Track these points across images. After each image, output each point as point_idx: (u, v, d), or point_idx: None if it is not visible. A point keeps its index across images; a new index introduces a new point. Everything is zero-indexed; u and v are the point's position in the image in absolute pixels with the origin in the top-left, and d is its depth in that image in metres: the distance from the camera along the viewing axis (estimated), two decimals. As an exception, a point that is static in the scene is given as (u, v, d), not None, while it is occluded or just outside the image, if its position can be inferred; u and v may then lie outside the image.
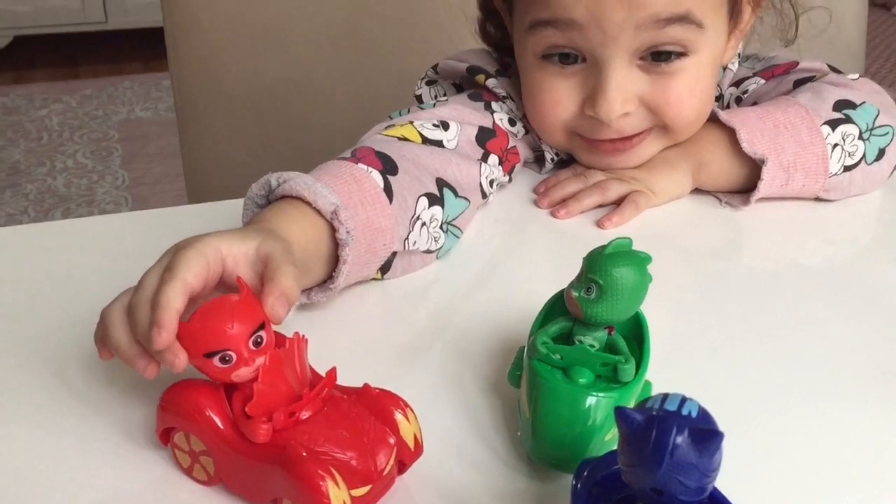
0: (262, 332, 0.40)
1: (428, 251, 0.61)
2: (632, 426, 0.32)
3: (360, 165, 0.58)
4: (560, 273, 0.45)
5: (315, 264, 0.53)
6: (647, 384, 0.47)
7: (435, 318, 0.57)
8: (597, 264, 0.43)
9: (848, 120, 0.69)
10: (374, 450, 0.40)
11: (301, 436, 0.40)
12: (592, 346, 0.44)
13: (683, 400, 0.33)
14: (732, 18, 0.70)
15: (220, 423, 0.41)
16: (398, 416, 0.42)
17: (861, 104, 0.70)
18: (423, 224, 0.60)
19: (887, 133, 0.71)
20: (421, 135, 0.65)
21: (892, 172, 0.73)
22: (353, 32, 1.08)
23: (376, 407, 0.42)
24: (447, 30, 1.12)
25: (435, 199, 0.61)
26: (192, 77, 1.07)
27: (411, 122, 0.65)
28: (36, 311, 0.57)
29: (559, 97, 0.67)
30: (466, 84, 0.75)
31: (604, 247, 0.44)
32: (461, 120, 0.68)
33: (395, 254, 0.58)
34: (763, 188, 0.68)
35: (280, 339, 0.43)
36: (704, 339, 0.56)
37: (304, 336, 0.42)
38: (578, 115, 0.67)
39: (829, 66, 0.78)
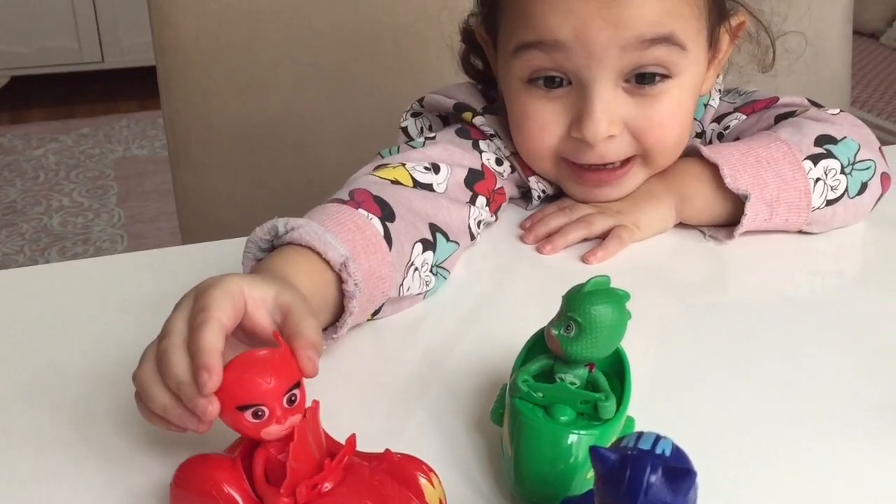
0: (296, 391, 0.40)
1: (419, 295, 0.62)
2: (606, 465, 0.32)
3: (361, 211, 0.58)
4: (545, 309, 0.46)
5: (319, 314, 0.52)
6: (630, 420, 0.47)
7: (423, 357, 0.57)
8: (575, 302, 0.43)
9: (830, 155, 0.70)
10: None
11: None
12: (573, 383, 0.45)
13: (658, 438, 0.33)
14: (711, 47, 0.71)
15: (240, 500, 0.39)
16: (422, 481, 0.41)
17: (842, 139, 0.71)
18: (416, 269, 0.60)
19: (869, 167, 0.72)
20: (412, 178, 0.65)
21: (874, 205, 0.74)
22: (342, 69, 1.10)
23: (399, 472, 0.41)
24: (435, 64, 1.14)
25: (428, 245, 0.61)
26: (184, 116, 1.08)
27: (403, 165, 0.66)
28: (32, 356, 0.57)
29: (545, 121, 0.68)
30: (453, 119, 0.76)
31: (582, 285, 0.44)
32: (451, 162, 0.68)
33: (388, 298, 0.59)
34: (746, 223, 0.69)
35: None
36: (688, 374, 0.56)
37: (316, 400, 0.42)
38: (565, 138, 0.68)
39: (810, 100, 0.79)
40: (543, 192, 0.75)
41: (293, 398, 0.39)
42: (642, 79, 0.65)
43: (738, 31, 0.73)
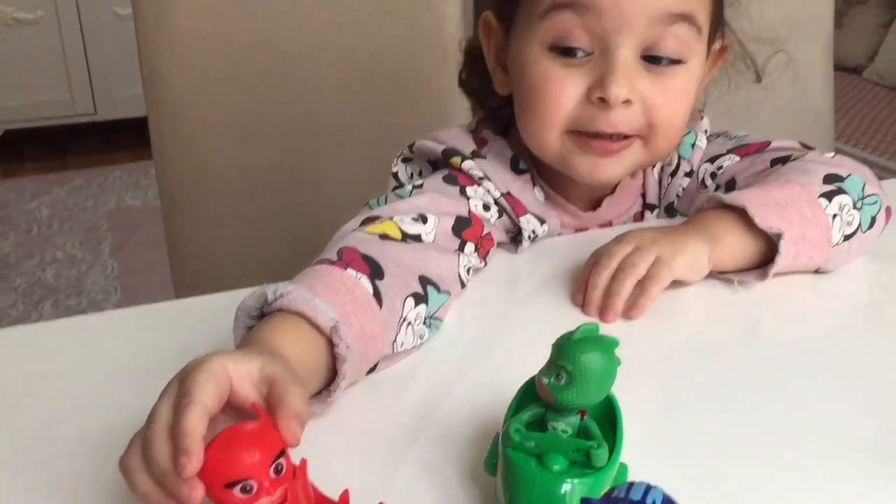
0: (281, 460, 0.40)
1: (413, 348, 0.62)
2: None
3: (350, 271, 0.58)
4: (537, 356, 0.46)
5: (311, 378, 0.53)
6: (623, 467, 0.47)
7: (416, 407, 0.57)
8: (565, 350, 0.44)
9: (841, 191, 0.71)
10: None
11: None
12: (565, 431, 0.45)
13: (648, 488, 0.33)
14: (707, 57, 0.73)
15: None
16: None
17: (848, 176, 0.73)
18: (409, 324, 0.60)
19: (875, 202, 0.73)
20: (401, 230, 0.65)
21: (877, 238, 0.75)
22: (333, 119, 1.11)
23: None
24: (426, 112, 1.15)
25: (420, 298, 0.62)
26: (175, 168, 1.09)
27: (391, 218, 0.66)
28: (22, 418, 0.56)
29: (565, 85, 0.69)
30: (442, 164, 0.76)
31: (571, 333, 0.44)
32: (438, 211, 0.69)
33: (382, 355, 0.59)
34: (780, 261, 0.68)
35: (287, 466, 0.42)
36: (682, 419, 0.56)
37: (304, 458, 0.42)
38: (582, 103, 0.69)
39: (802, 143, 0.80)
40: (534, 232, 0.75)
41: (279, 467, 0.39)
42: (657, 60, 0.68)
43: (724, 53, 0.76)
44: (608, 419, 0.48)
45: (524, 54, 0.71)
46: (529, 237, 0.75)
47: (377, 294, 0.58)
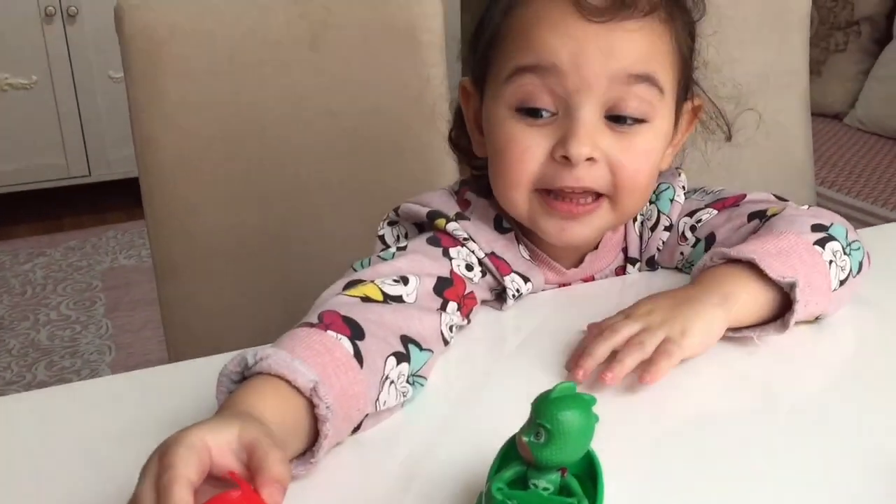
0: None
1: (395, 405, 0.62)
2: None
3: (330, 333, 0.59)
4: (521, 414, 0.47)
5: (291, 440, 0.53)
6: (605, 522, 0.48)
7: (400, 466, 0.58)
8: (543, 409, 0.45)
9: (831, 238, 0.73)
10: None
11: None
12: (547, 489, 0.46)
13: None
14: (675, 120, 0.76)
15: None
16: None
17: (831, 224, 0.75)
18: (392, 382, 0.61)
19: (859, 248, 0.75)
20: (382, 292, 0.67)
21: None
22: (321, 181, 1.13)
23: None
24: (411, 174, 1.18)
25: (402, 357, 0.63)
26: (167, 231, 1.11)
27: (373, 281, 0.67)
28: (15, 486, 0.57)
29: (529, 144, 0.71)
30: (427, 227, 0.78)
31: (549, 391, 0.46)
32: (419, 272, 0.70)
33: (366, 415, 0.59)
34: (799, 310, 0.68)
35: None
36: (663, 474, 0.57)
37: None
38: (546, 162, 0.71)
39: (775, 195, 0.82)
40: (518, 290, 0.76)
41: None
42: (622, 119, 0.70)
43: (697, 112, 0.79)
44: (589, 476, 0.49)
45: (493, 116, 0.73)
46: (514, 295, 0.76)
47: (357, 354, 0.59)
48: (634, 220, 0.82)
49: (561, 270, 0.81)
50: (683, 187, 0.84)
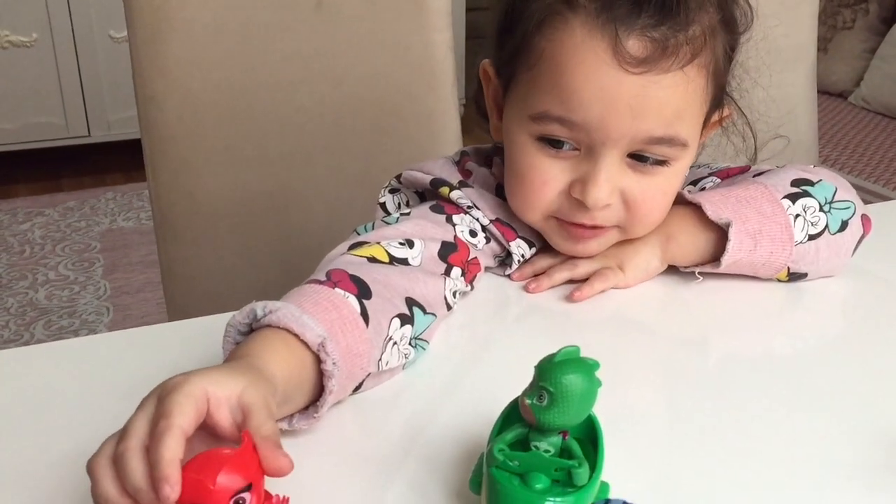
0: (245, 494, 0.41)
1: (397, 366, 0.63)
2: None
3: (338, 290, 0.59)
4: (522, 378, 0.47)
5: (296, 394, 0.54)
6: (605, 485, 0.49)
7: (403, 428, 0.58)
8: (547, 372, 0.45)
9: (807, 194, 0.74)
10: None
11: None
12: (548, 451, 0.46)
13: None
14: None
15: None
16: None
17: (818, 181, 0.75)
18: (395, 343, 0.62)
19: (848, 207, 0.75)
20: (388, 254, 0.67)
21: (856, 246, 0.77)
22: (324, 144, 1.13)
23: None
24: (415, 139, 1.17)
25: (406, 319, 0.63)
26: (169, 191, 1.10)
27: (379, 243, 0.67)
28: (14, 439, 0.57)
29: (549, 177, 0.70)
30: (430, 195, 0.78)
31: (553, 355, 0.46)
32: (424, 236, 0.70)
33: (368, 374, 0.60)
34: (731, 249, 0.71)
35: (267, 497, 0.44)
36: (664, 438, 0.58)
37: (287, 497, 0.43)
38: (564, 195, 0.70)
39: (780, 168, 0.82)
40: (523, 256, 0.77)
41: (240, 501, 0.41)
42: (643, 159, 0.69)
43: (724, 120, 0.77)
44: (590, 439, 0.49)
45: (515, 137, 0.72)
46: (519, 261, 0.77)
47: (364, 313, 0.59)
48: None
49: None
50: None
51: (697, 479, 0.53)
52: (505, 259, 0.78)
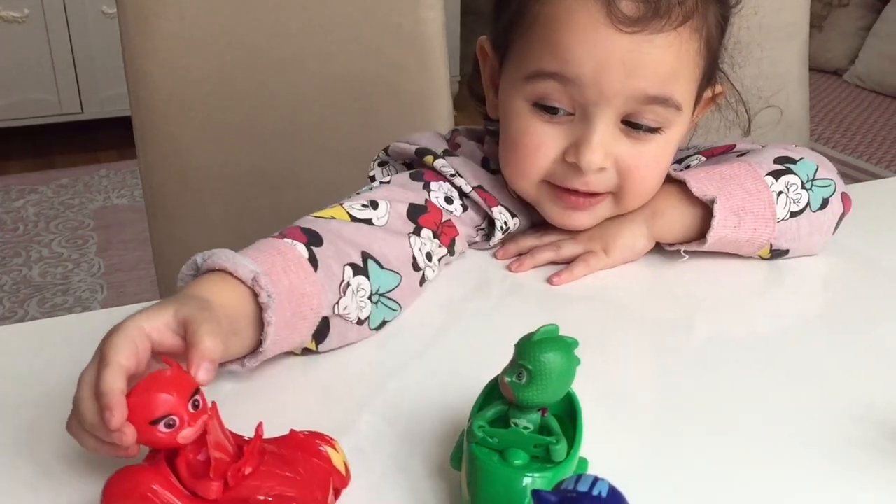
0: (197, 397, 0.45)
1: (359, 321, 0.64)
2: None
3: (285, 240, 0.62)
4: (504, 356, 0.48)
5: (243, 326, 0.56)
6: (583, 461, 0.50)
7: (384, 404, 0.58)
8: (526, 351, 0.46)
9: (789, 171, 0.75)
10: (313, 483, 0.47)
11: (255, 487, 0.45)
12: (527, 427, 0.47)
13: (595, 480, 0.35)
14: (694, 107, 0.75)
15: (173, 497, 0.44)
16: (328, 450, 0.48)
17: (800, 159, 0.76)
18: (353, 291, 0.63)
19: (829, 185, 0.76)
20: (350, 214, 0.68)
21: (837, 224, 0.77)
22: (315, 122, 1.13)
23: (306, 447, 0.48)
24: (406, 115, 1.17)
25: (359, 270, 0.64)
26: (160, 169, 1.10)
27: (341, 205, 0.69)
28: (8, 414, 0.58)
29: (542, 142, 0.70)
30: (417, 165, 0.78)
31: (532, 333, 0.46)
32: (391, 198, 0.71)
33: (327, 322, 0.61)
34: (716, 226, 0.72)
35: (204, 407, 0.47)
36: (643, 415, 0.58)
37: (213, 401, 0.46)
38: (558, 161, 0.71)
39: (764, 147, 0.83)
40: (506, 223, 0.77)
41: (196, 403, 0.45)
42: (637, 126, 0.69)
43: (717, 97, 0.77)
44: (570, 416, 0.50)
45: (510, 104, 0.72)
46: (502, 228, 0.76)
47: (312, 258, 0.61)
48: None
49: None
50: None
51: (678, 456, 0.54)
52: (488, 232, 0.78)
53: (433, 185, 0.75)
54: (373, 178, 0.81)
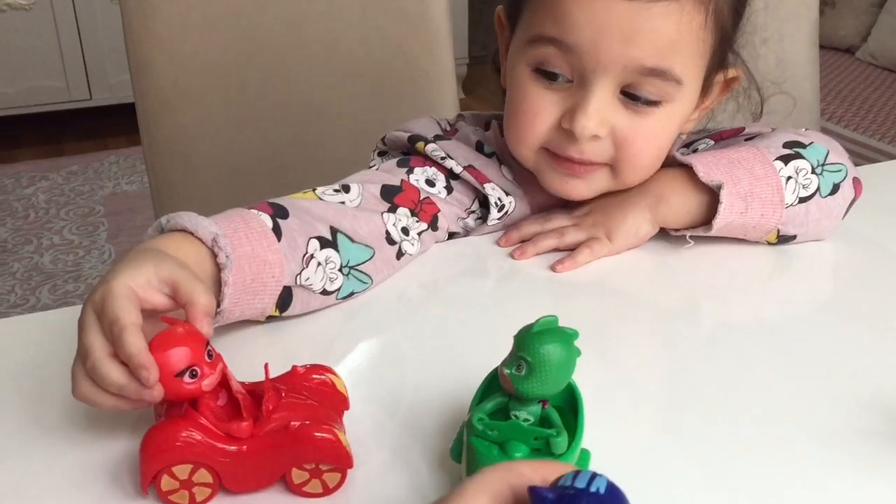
0: (210, 347, 0.49)
1: (325, 291, 0.65)
2: None
3: (252, 210, 0.63)
4: (504, 347, 0.47)
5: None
6: (585, 453, 0.49)
7: (385, 396, 0.58)
8: (525, 342, 0.45)
9: (799, 156, 0.74)
10: (329, 406, 0.51)
11: (285, 416, 0.48)
12: (527, 420, 0.46)
13: (593, 476, 0.35)
14: (704, 90, 0.74)
15: (210, 439, 0.48)
16: (330, 377, 0.52)
17: (810, 144, 0.75)
18: (319, 264, 0.64)
19: (840, 170, 0.75)
20: (320, 199, 0.69)
21: (847, 209, 0.76)
22: (318, 108, 1.12)
23: (309, 378, 0.52)
24: (411, 100, 1.16)
25: (326, 243, 0.65)
26: (164, 158, 1.10)
27: (313, 190, 0.70)
28: (22, 403, 0.58)
29: (541, 107, 0.71)
30: (411, 153, 0.79)
31: (531, 325, 0.46)
32: (364, 181, 0.72)
33: (290, 291, 0.62)
34: (723, 212, 0.71)
35: (217, 358, 0.50)
36: (644, 406, 0.58)
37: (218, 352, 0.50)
38: (554, 127, 0.71)
39: (774, 130, 0.81)
40: (500, 200, 0.76)
41: (210, 353, 0.49)
42: (636, 98, 0.69)
43: (731, 83, 0.76)
44: (571, 408, 0.49)
45: (514, 69, 0.73)
46: (496, 204, 0.76)
47: (276, 229, 0.62)
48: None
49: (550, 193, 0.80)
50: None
51: (683, 447, 0.54)
52: (482, 215, 0.77)
53: (416, 169, 0.75)
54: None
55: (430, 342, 0.64)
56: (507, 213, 0.77)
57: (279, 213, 0.64)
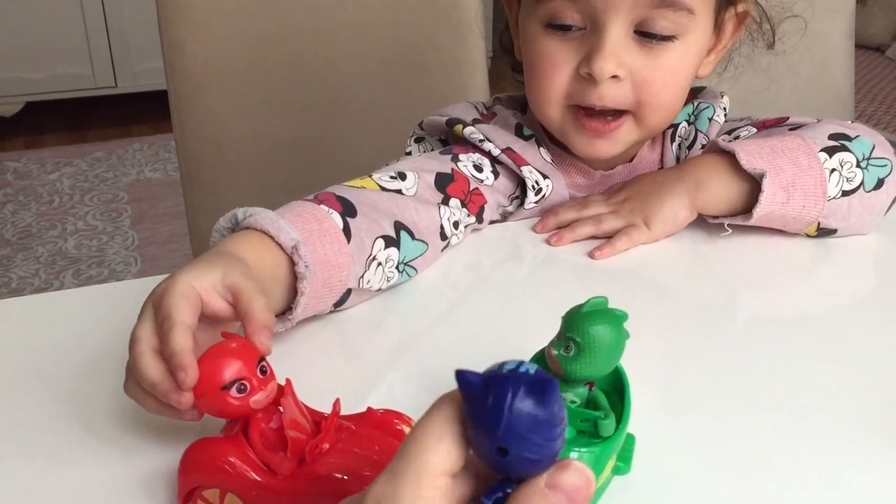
0: (264, 363, 0.46)
1: (379, 290, 0.65)
2: (470, 387, 0.32)
3: (322, 206, 0.62)
4: (549, 328, 0.46)
5: (273, 288, 0.56)
6: (630, 437, 0.48)
7: (426, 378, 0.58)
8: (574, 323, 0.44)
9: (844, 148, 0.72)
10: (385, 460, 0.44)
11: (333, 464, 0.44)
12: (574, 402, 0.46)
13: (521, 363, 0.33)
14: (716, 28, 0.74)
15: (249, 470, 0.44)
16: (405, 429, 0.47)
17: (856, 137, 0.73)
18: (379, 264, 0.64)
19: (886, 165, 0.73)
20: (380, 185, 0.68)
21: (890, 206, 0.75)
22: (350, 93, 1.12)
23: (382, 425, 0.47)
24: (441, 89, 1.16)
25: (391, 242, 0.65)
26: (195, 140, 1.10)
27: (370, 176, 0.69)
28: (46, 382, 0.58)
29: (558, 59, 0.71)
30: (449, 137, 0.79)
31: (581, 305, 0.45)
32: (418, 169, 0.71)
33: (349, 292, 0.62)
34: (764, 201, 0.70)
35: (271, 374, 0.47)
36: (690, 391, 0.57)
37: (288, 378, 0.45)
38: (574, 76, 0.71)
39: (819, 120, 0.80)
40: (537, 184, 0.76)
41: (264, 369, 0.45)
42: (651, 35, 0.69)
43: (743, 19, 0.76)
44: (617, 391, 0.48)
45: (526, 30, 0.73)
46: (533, 187, 0.76)
47: (346, 229, 0.61)
48: (672, 139, 0.81)
49: (588, 171, 0.80)
50: (725, 109, 0.82)
51: (725, 434, 0.53)
52: (521, 198, 0.77)
53: (462, 156, 0.75)
54: (409, 155, 0.80)
55: (473, 323, 0.64)
56: (543, 196, 0.76)
57: (347, 210, 0.63)
